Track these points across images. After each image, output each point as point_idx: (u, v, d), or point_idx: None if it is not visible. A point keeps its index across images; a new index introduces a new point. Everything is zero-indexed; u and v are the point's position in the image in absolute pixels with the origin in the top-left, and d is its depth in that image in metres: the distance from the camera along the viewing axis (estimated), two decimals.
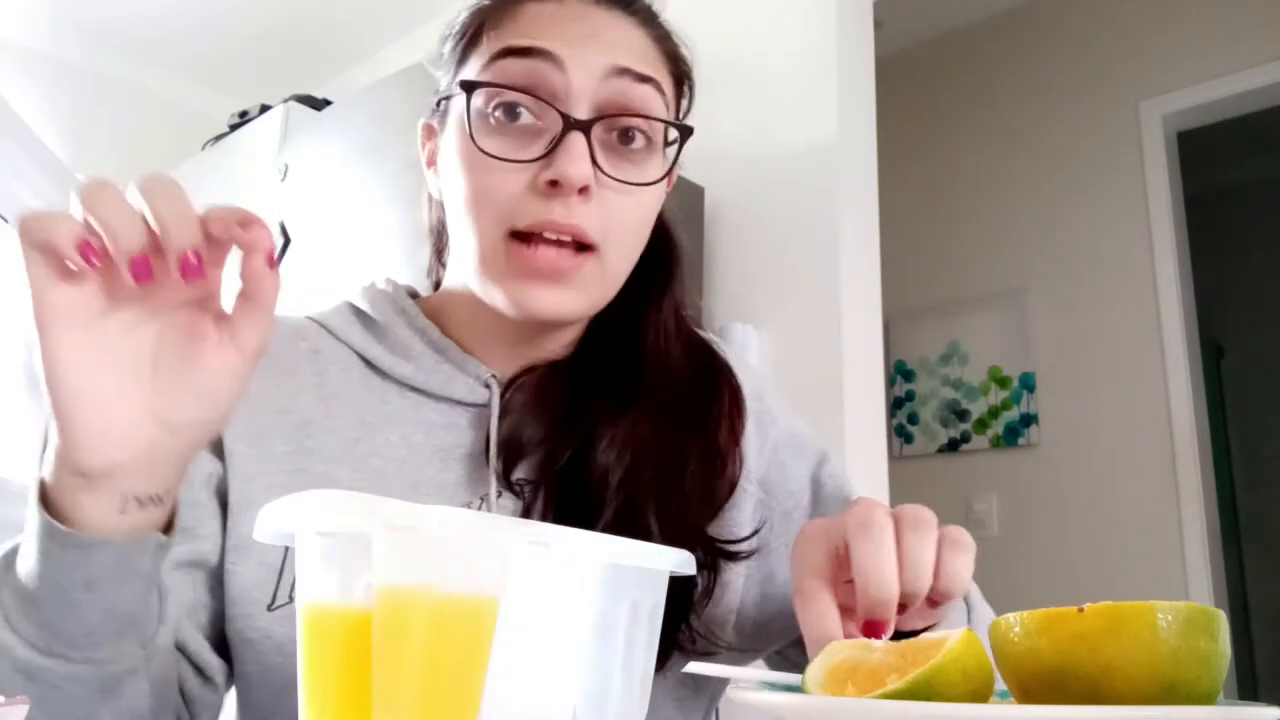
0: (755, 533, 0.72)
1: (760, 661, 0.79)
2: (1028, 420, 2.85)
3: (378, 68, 3.03)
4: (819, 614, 0.52)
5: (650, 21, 0.69)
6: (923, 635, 0.42)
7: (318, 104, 2.55)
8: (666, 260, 0.75)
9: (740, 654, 0.74)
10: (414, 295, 0.76)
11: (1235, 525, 3.72)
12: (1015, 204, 3.00)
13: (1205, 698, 0.38)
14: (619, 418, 0.67)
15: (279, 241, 2.16)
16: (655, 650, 0.43)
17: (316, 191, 2.16)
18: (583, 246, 0.63)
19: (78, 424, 0.44)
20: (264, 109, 2.67)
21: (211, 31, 3.09)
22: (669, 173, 0.67)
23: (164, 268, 0.43)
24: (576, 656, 0.38)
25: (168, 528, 0.50)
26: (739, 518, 0.72)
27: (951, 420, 3.01)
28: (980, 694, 0.39)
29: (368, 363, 0.70)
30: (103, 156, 3.07)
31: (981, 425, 2.94)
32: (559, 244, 0.62)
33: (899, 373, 3.14)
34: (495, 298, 0.65)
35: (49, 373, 0.44)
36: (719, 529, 0.70)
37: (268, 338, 0.48)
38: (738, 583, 0.71)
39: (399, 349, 0.70)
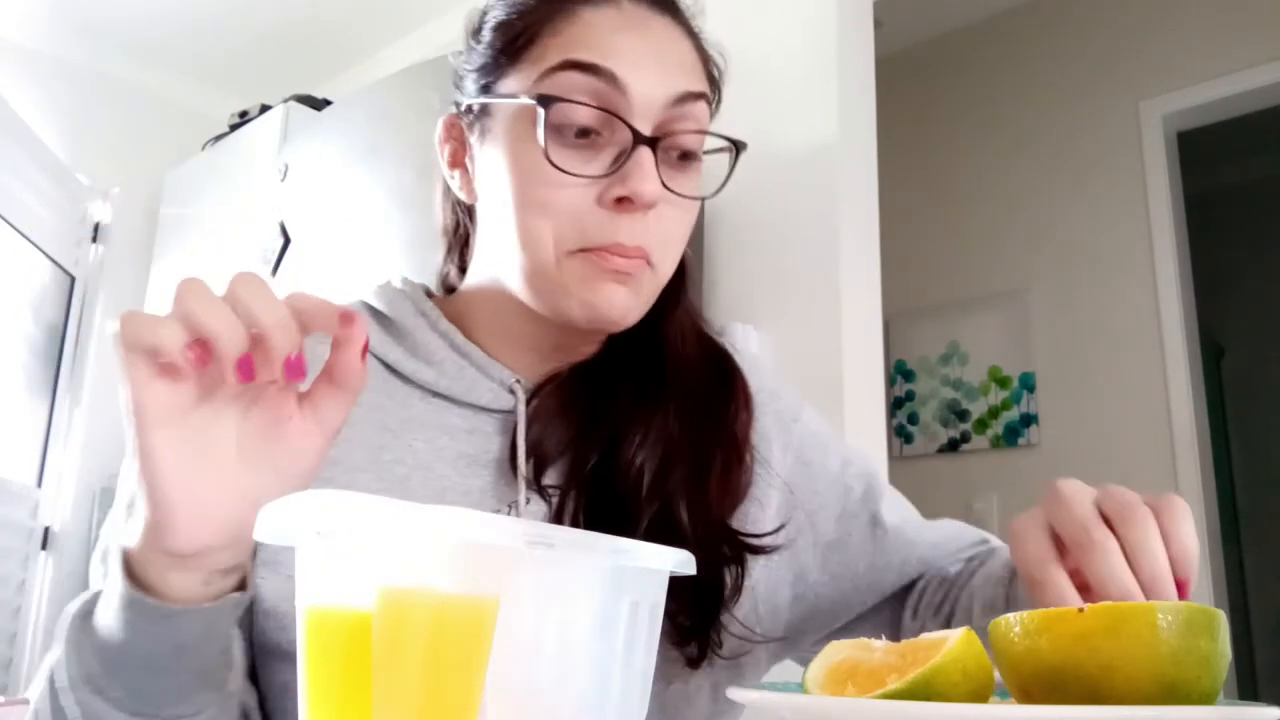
0: (781, 528, 0.72)
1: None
2: (1028, 420, 2.85)
3: (378, 68, 3.03)
4: (1061, 598, 0.51)
5: (692, 31, 0.69)
6: (923, 635, 0.42)
7: (318, 104, 2.55)
8: (682, 265, 0.75)
9: (776, 649, 0.74)
10: (429, 295, 0.75)
11: (1235, 525, 3.72)
12: (1015, 204, 3.00)
13: (1205, 698, 0.38)
14: (646, 417, 0.68)
15: (279, 242, 2.16)
16: (655, 650, 0.43)
17: (316, 191, 2.16)
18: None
19: (173, 514, 0.45)
20: (264, 109, 2.67)
21: (211, 31, 3.09)
22: (723, 185, 0.68)
23: (263, 362, 0.44)
24: (576, 656, 0.38)
25: (242, 584, 0.51)
26: (762, 514, 0.72)
27: (951, 420, 3.01)
28: (980, 694, 0.39)
29: (388, 366, 0.69)
30: (103, 156, 3.07)
31: (981, 425, 2.94)
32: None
33: (899, 373, 3.14)
34: (563, 307, 0.64)
35: (144, 465, 0.44)
36: (743, 523, 0.70)
37: (348, 416, 0.50)
38: (767, 578, 0.72)
39: (421, 353, 0.69)
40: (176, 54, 3.22)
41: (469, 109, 0.69)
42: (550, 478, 0.67)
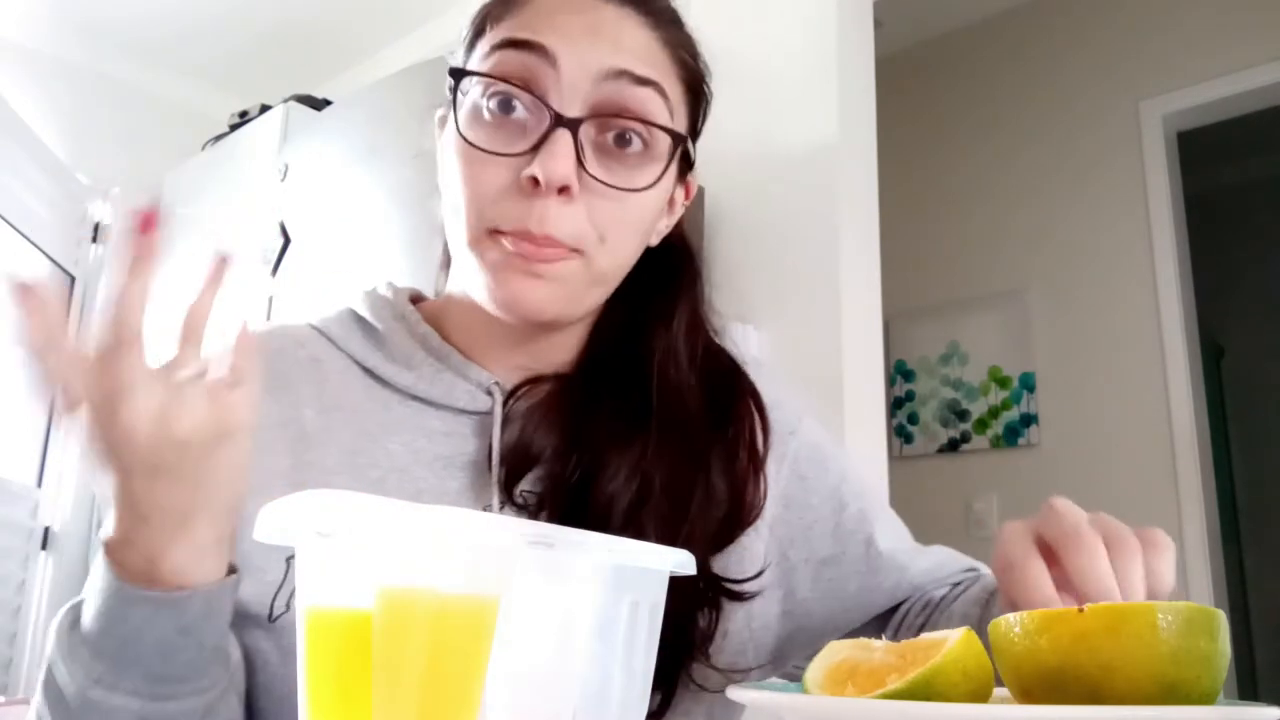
0: (761, 572, 0.70)
1: None
2: (1028, 420, 2.85)
3: (378, 68, 3.03)
4: (1036, 581, 0.52)
5: (663, 23, 0.66)
6: (923, 635, 0.42)
7: (318, 104, 2.55)
8: (677, 275, 0.73)
9: (767, 670, 0.73)
10: (418, 299, 0.75)
11: (1235, 525, 3.72)
12: (1015, 204, 3.00)
13: (1205, 698, 0.38)
14: (627, 445, 0.65)
15: (279, 242, 2.16)
16: (655, 650, 0.43)
17: (316, 191, 2.16)
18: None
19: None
20: (264, 109, 2.67)
21: (211, 31, 3.09)
22: (660, 178, 0.64)
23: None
24: (576, 656, 0.38)
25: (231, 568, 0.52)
26: (750, 553, 0.70)
27: (951, 420, 3.01)
28: (980, 694, 0.39)
29: (368, 371, 0.69)
30: (103, 156, 3.07)
31: (981, 425, 2.94)
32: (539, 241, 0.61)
33: (899, 373, 3.14)
34: (481, 292, 0.64)
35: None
36: (726, 563, 0.68)
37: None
38: (752, 606, 0.70)
39: (399, 357, 0.69)
40: (176, 54, 3.22)
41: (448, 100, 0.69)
42: (526, 484, 0.66)
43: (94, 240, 3.01)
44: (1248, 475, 3.85)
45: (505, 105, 0.61)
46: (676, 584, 0.63)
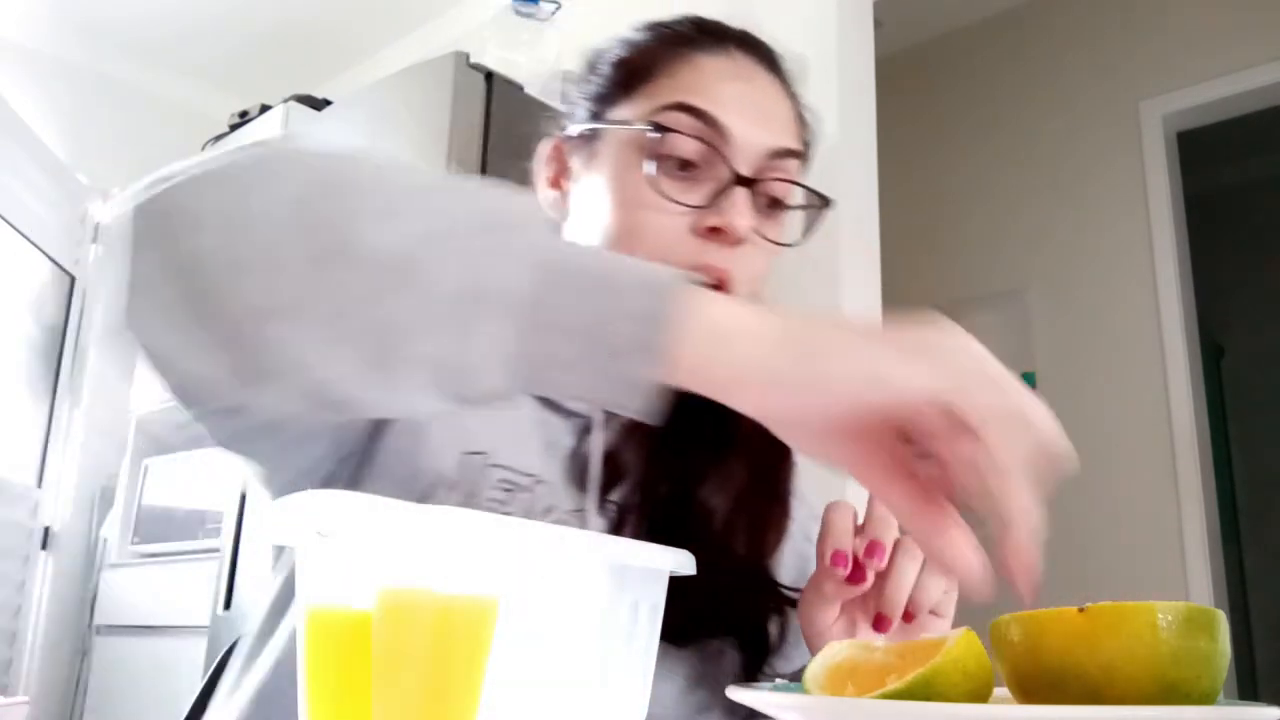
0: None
1: None
2: None
3: (378, 68, 3.03)
4: (842, 524, 0.60)
5: (792, 90, 0.74)
6: (923, 635, 0.42)
7: (318, 104, 2.55)
8: None
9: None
10: None
11: (1235, 525, 3.72)
12: (1015, 204, 3.00)
13: (1205, 697, 0.38)
14: (720, 461, 0.69)
15: None
16: (655, 650, 0.43)
17: None
18: (718, 288, 0.66)
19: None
20: (264, 109, 2.67)
21: (211, 31, 3.09)
22: (806, 236, 0.72)
23: None
24: (576, 657, 0.38)
25: None
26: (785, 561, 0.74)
27: None
28: (980, 694, 0.39)
29: None
30: (103, 156, 3.07)
31: None
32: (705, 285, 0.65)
33: None
34: None
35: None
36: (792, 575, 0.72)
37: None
38: None
39: None
40: (177, 54, 3.22)
41: (579, 135, 0.72)
42: (615, 494, 0.68)
43: (94, 240, 3.01)
44: (1248, 475, 3.85)
45: (684, 160, 0.66)
46: (751, 591, 0.66)
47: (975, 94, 3.15)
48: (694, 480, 0.68)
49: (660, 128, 0.66)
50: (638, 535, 0.65)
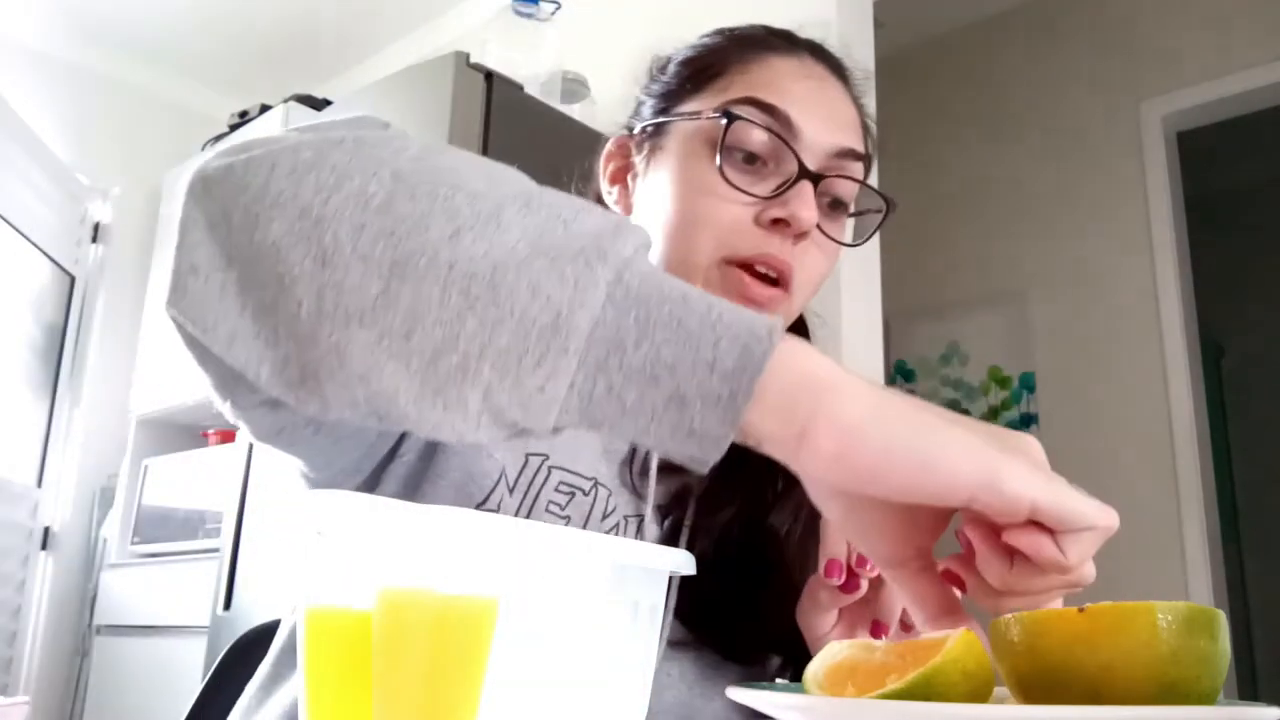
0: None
1: None
2: (1028, 420, 2.85)
3: (378, 68, 3.03)
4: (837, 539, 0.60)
5: (858, 98, 0.75)
6: (923, 635, 0.42)
7: (318, 104, 2.55)
8: (803, 321, 0.79)
9: None
10: None
11: (1235, 525, 3.72)
12: (1015, 204, 3.00)
13: (1205, 698, 0.38)
14: (790, 483, 0.68)
15: None
16: (655, 650, 0.43)
17: None
18: (778, 284, 0.66)
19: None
20: (264, 109, 2.67)
21: (212, 32, 3.09)
22: (869, 237, 0.74)
23: None
24: (576, 657, 0.38)
25: None
26: None
27: None
28: (980, 694, 0.39)
29: None
30: (103, 156, 3.07)
31: None
32: (766, 279, 0.66)
33: (899, 373, 3.13)
34: None
35: None
36: None
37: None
38: None
39: None
40: (177, 54, 3.22)
41: (643, 130, 0.73)
42: (659, 498, 0.68)
43: (94, 240, 3.01)
44: (1248, 475, 3.84)
45: (750, 152, 0.66)
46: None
47: (975, 94, 3.15)
48: (762, 501, 0.69)
49: (731, 116, 0.66)
50: (705, 552, 0.61)
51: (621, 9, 2.43)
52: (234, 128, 2.76)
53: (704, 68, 0.71)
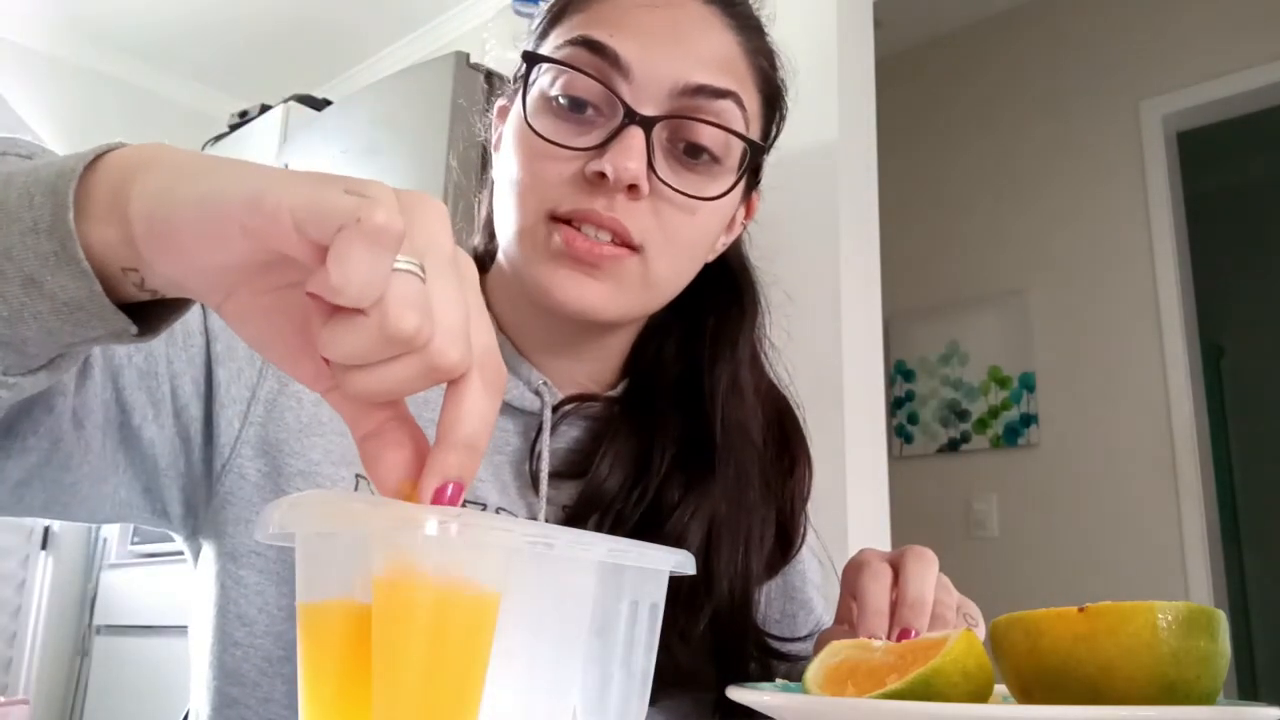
0: (811, 635, 0.71)
1: None
2: (1028, 420, 2.85)
3: (378, 68, 3.03)
4: (875, 579, 0.55)
5: (747, 28, 0.63)
6: (923, 635, 0.42)
7: (318, 104, 2.55)
8: (738, 304, 0.70)
9: None
10: None
11: (1235, 525, 3.72)
12: (1015, 204, 3.00)
13: (1205, 698, 0.38)
14: (695, 484, 0.63)
15: None
16: (655, 650, 0.43)
17: None
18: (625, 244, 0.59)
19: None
20: (264, 109, 2.67)
21: (212, 32, 3.09)
22: (731, 189, 0.61)
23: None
24: (577, 656, 0.38)
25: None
26: (805, 611, 0.72)
27: (951, 420, 3.01)
28: (980, 694, 0.39)
29: None
30: None
31: (981, 425, 2.94)
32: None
33: (899, 373, 3.13)
34: (530, 284, 0.60)
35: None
36: (794, 612, 0.71)
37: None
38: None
39: None
40: (177, 54, 3.22)
41: (512, 89, 0.66)
42: (565, 497, 0.64)
43: None
44: (1248, 475, 3.84)
45: (575, 99, 0.59)
46: (734, 634, 0.62)
47: (975, 94, 3.15)
48: (667, 494, 0.62)
49: (534, 58, 0.59)
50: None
51: None
52: (234, 128, 2.76)
53: (555, 13, 0.63)
